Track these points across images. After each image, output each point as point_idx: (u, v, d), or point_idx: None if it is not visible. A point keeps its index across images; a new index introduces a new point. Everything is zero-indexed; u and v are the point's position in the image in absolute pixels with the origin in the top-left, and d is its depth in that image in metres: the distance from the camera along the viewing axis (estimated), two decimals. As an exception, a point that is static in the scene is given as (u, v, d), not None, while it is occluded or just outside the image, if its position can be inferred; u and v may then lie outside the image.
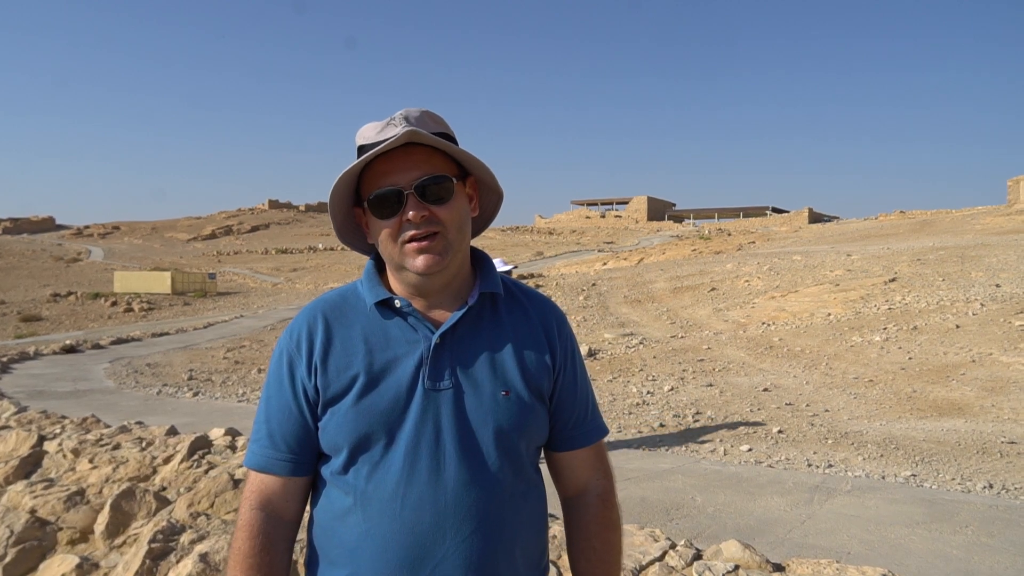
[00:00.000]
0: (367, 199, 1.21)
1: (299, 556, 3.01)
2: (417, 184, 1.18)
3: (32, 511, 3.87)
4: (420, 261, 1.18)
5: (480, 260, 1.33)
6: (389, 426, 1.17)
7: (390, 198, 1.18)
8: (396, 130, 1.17)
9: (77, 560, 3.29)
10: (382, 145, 1.15)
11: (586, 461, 1.34)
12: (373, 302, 1.24)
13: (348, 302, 1.27)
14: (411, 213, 1.17)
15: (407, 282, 1.24)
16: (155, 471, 4.70)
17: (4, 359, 14.54)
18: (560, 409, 1.31)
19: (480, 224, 1.34)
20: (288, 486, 1.22)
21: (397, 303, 1.23)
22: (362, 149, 1.21)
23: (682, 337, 15.62)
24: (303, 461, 1.23)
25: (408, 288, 1.24)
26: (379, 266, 1.31)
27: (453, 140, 1.25)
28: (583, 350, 13.73)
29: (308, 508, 1.29)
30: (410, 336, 1.22)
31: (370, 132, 1.20)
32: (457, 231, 1.21)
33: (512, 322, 1.28)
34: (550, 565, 1.37)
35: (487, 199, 1.35)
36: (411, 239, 1.18)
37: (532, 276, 32.89)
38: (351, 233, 1.32)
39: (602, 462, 1.37)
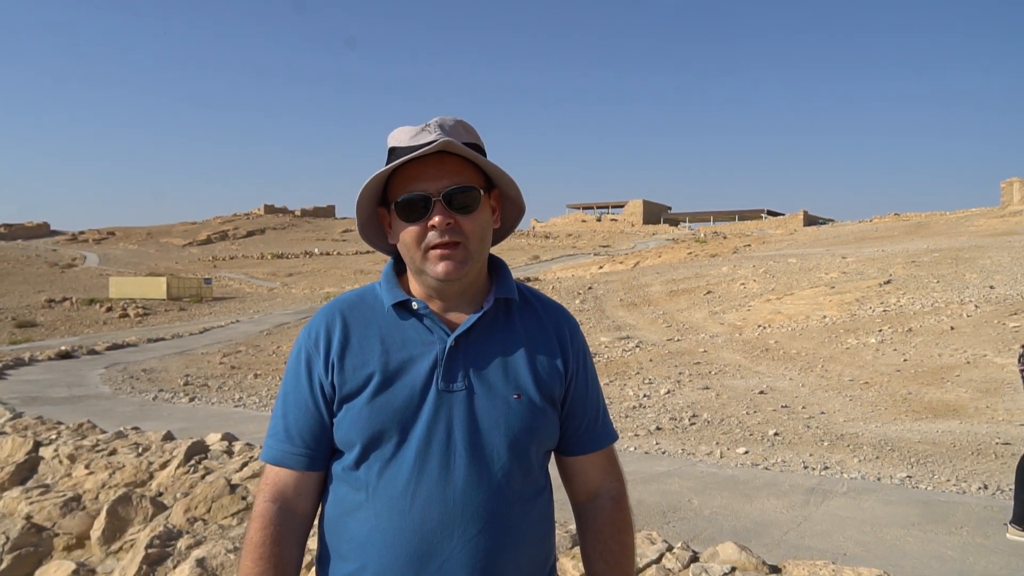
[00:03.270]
0: (395, 201, 1.24)
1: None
2: (445, 192, 1.21)
3: (28, 517, 3.86)
4: (441, 267, 1.21)
5: (496, 266, 1.36)
6: (402, 424, 1.19)
7: (418, 203, 1.21)
8: (430, 136, 1.20)
9: (73, 566, 3.29)
10: (418, 152, 1.19)
11: (598, 465, 1.37)
12: (391, 303, 1.27)
13: (366, 302, 1.30)
14: (437, 219, 1.20)
15: (426, 285, 1.27)
16: (151, 476, 4.69)
17: (-1, 365, 14.50)
18: (572, 414, 1.34)
19: (499, 235, 1.38)
20: (302, 481, 1.25)
21: (414, 305, 1.26)
22: (393, 151, 1.24)
23: (678, 340, 15.64)
24: (318, 456, 1.26)
25: (426, 290, 1.28)
26: (398, 268, 1.35)
27: (482, 150, 1.29)
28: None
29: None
30: (426, 337, 1.25)
31: (404, 136, 1.23)
32: (479, 242, 1.25)
33: (525, 328, 1.31)
34: (556, 569, 1.39)
35: (509, 212, 1.37)
36: (435, 246, 1.22)
37: (528, 280, 32.90)
38: (373, 231, 1.35)
39: (613, 465, 1.40)
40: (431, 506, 1.17)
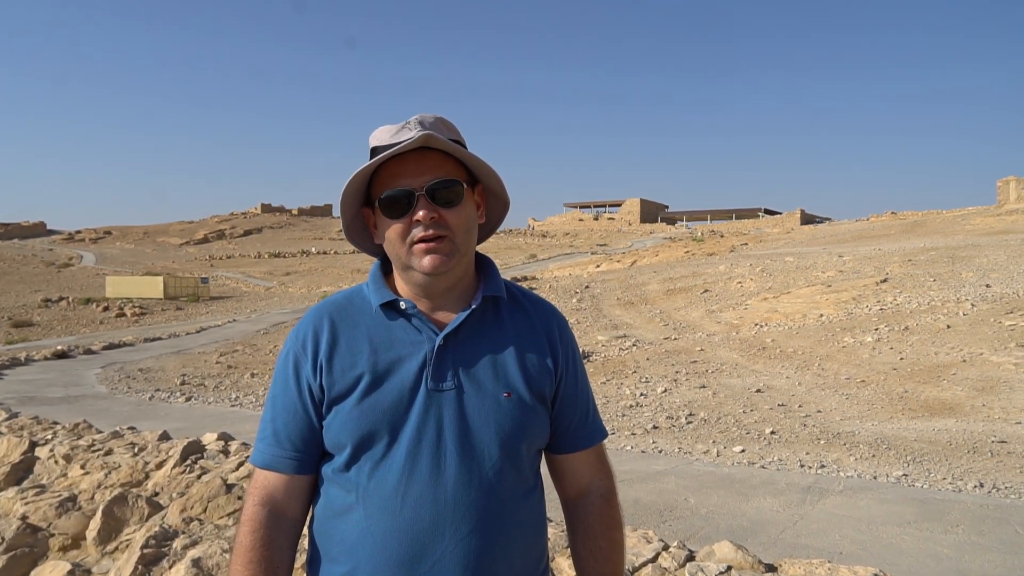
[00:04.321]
0: (378, 199, 1.23)
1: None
2: (428, 186, 1.20)
3: (23, 517, 3.86)
4: (427, 261, 1.20)
5: (484, 264, 1.35)
6: (392, 425, 1.19)
7: (401, 199, 1.21)
8: (411, 133, 1.19)
9: (69, 567, 3.28)
10: (398, 147, 1.18)
11: (587, 462, 1.37)
12: (378, 304, 1.26)
13: (354, 303, 1.29)
14: (421, 214, 1.19)
15: (413, 282, 1.26)
16: (148, 476, 4.68)
17: (-5, 365, 14.46)
18: (562, 412, 1.33)
19: (485, 231, 1.37)
20: (292, 484, 1.25)
21: (402, 305, 1.25)
22: (375, 151, 1.24)
23: (675, 339, 15.66)
24: (307, 460, 1.25)
25: (414, 289, 1.27)
26: (385, 269, 1.34)
27: (463, 146, 1.28)
28: (577, 352, 13.76)
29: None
30: (414, 337, 1.24)
31: (384, 134, 1.23)
32: (464, 235, 1.24)
33: (514, 326, 1.30)
34: (549, 568, 1.39)
35: (494, 207, 1.37)
36: (419, 240, 1.21)
37: (525, 279, 32.89)
38: (358, 232, 1.34)
39: (603, 463, 1.39)
40: (422, 506, 1.17)
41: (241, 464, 4.71)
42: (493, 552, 1.19)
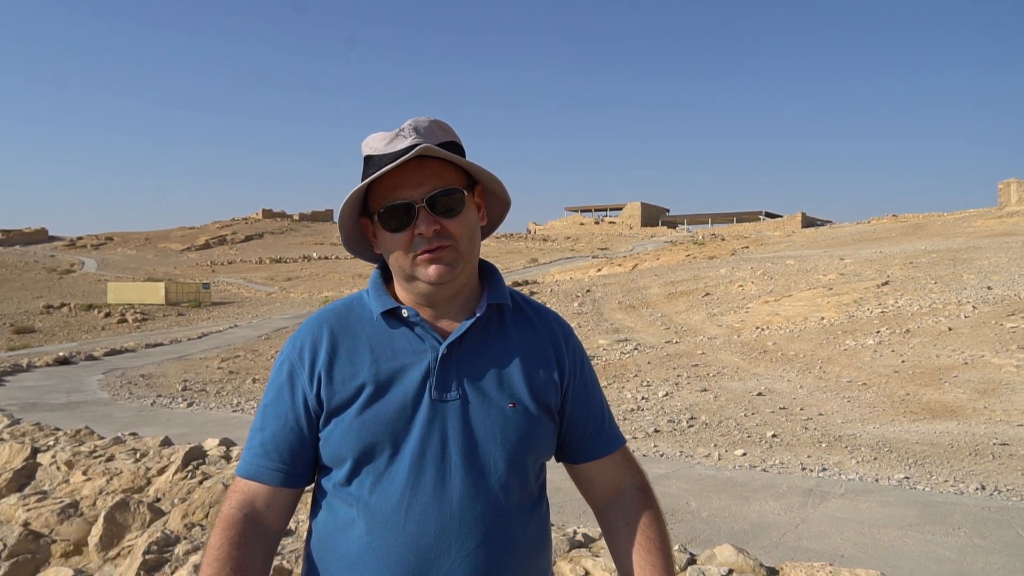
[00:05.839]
0: (377, 212, 1.20)
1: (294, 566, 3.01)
2: (428, 197, 1.17)
3: (25, 524, 3.86)
4: (432, 270, 1.18)
5: (488, 272, 1.33)
6: (394, 436, 1.15)
7: (401, 211, 1.17)
8: (406, 142, 1.16)
9: (71, 573, 3.29)
10: (396, 162, 1.14)
11: (614, 464, 1.33)
12: (380, 312, 1.23)
13: (354, 312, 1.26)
14: (423, 227, 1.16)
15: (417, 292, 1.23)
16: (149, 482, 4.69)
17: (-3, 371, 14.47)
18: (574, 422, 1.30)
19: (486, 231, 1.34)
20: (274, 496, 1.20)
21: (404, 313, 1.22)
22: (369, 159, 1.20)
23: (676, 343, 15.65)
24: (295, 473, 1.21)
25: (416, 298, 1.24)
26: (385, 276, 1.30)
27: (461, 148, 1.25)
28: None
29: (308, 521, 1.27)
30: (417, 346, 1.21)
31: (378, 143, 1.19)
32: (467, 242, 1.21)
33: (519, 335, 1.27)
34: None
35: (494, 207, 1.34)
36: (423, 252, 1.18)
37: (527, 283, 32.88)
38: (358, 243, 1.31)
39: (631, 461, 1.35)
40: (427, 520, 1.13)
41: (243, 469, 4.71)
42: (501, 568, 1.16)
